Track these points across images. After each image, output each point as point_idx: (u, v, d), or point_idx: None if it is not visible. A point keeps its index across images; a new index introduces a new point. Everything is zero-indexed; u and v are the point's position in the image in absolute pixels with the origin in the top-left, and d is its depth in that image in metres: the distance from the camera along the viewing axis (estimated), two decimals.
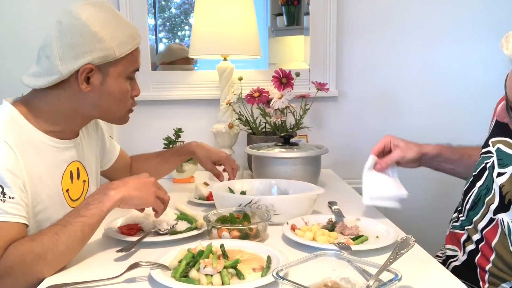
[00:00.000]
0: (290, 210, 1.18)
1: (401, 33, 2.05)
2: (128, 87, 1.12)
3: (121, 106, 1.14)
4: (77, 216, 0.94)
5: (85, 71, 1.03)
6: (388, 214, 1.32)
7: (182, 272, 0.83)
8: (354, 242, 1.01)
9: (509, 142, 1.11)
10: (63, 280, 0.86)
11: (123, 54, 1.06)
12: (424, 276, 0.88)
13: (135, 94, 1.16)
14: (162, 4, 2.44)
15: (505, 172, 1.08)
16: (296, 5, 2.34)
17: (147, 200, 1.04)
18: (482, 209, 1.11)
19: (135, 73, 1.14)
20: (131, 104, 1.17)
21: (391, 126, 2.09)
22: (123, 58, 1.07)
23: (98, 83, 1.06)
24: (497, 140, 1.14)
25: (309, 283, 0.75)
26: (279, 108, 1.74)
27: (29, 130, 1.04)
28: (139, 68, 1.14)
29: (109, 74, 1.07)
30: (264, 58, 2.04)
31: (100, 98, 1.09)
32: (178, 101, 2.00)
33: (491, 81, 2.07)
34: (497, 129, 1.16)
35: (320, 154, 1.55)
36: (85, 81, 1.05)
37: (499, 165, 1.10)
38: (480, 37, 2.05)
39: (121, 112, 1.16)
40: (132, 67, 1.11)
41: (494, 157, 1.12)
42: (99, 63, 1.04)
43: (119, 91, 1.10)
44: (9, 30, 1.95)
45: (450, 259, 1.18)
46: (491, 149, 1.14)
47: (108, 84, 1.07)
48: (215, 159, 1.51)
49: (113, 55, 1.04)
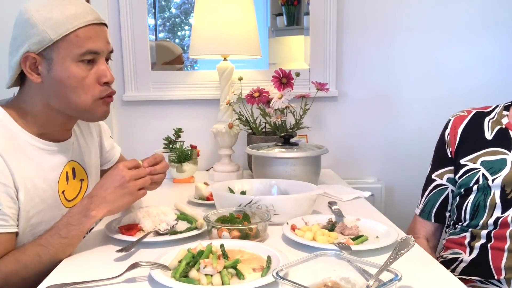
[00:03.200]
0: (290, 210, 1.18)
1: (401, 33, 2.05)
2: (82, 72, 1.01)
3: (80, 94, 1.02)
4: (59, 237, 0.96)
5: (26, 61, 0.99)
6: (388, 214, 1.32)
7: (182, 272, 0.83)
8: (354, 242, 1.01)
9: (489, 151, 1.16)
10: (63, 280, 0.85)
11: (60, 36, 0.97)
12: (424, 276, 0.87)
13: (104, 80, 1.04)
14: (162, 4, 2.43)
15: (500, 175, 1.12)
16: (296, 5, 2.34)
17: (130, 201, 1.04)
18: (486, 211, 1.12)
19: (96, 57, 1.03)
20: (100, 91, 1.04)
21: (391, 126, 2.10)
22: (63, 40, 0.98)
23: (46, 71, 1.00)
24: (475, 156, 1.18)
25: (309, 283, 0.75)
26: (279, 108, 1.74)
27: (20, 135, 1.03)
28: (96, 50, 1.01)
29: (53, 60, 0.99)
30: (264, 58, 2.04)
31: (54, 88, 1.01)
32: (178, 101, 2.00)
33: (491, 80, 2.07)
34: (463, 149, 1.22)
35: (320, 154, 1.55)
36: (34, 71, 1.01)
37: (491, 174, 1.13)
38: (480, 36, 2.05)
39: (85, 102, 1.03)
40: (80, 49, 0.99)
41: (482, 169, 1.16)
42: (38, 50, 0.98)
43: (68, 77, 1.00)
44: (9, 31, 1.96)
45: (455, 262, 1.18)
46: (474, 165, 1.18)
47: (55, 70, 1.00)
48: None
49: (47, 38, 0.97)
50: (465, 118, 1.26)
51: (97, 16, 1.03)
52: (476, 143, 1.20)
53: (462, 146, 1.23)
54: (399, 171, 2.11)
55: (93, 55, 1.02)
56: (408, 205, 1.95)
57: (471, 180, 1.17)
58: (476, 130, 1.22)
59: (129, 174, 1.02)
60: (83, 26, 0.99)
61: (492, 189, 1.12)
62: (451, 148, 1.26)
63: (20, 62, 1.00)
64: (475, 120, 1.24)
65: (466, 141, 1.23)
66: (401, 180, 2.11)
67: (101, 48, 1.03)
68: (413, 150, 2.10)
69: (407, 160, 2.10)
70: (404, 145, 2.10)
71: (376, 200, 2.03)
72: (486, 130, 1.20)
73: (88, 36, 1.00)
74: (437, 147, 1.33)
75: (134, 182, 1.03)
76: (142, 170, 1.06)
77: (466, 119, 1.26)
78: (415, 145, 2.10)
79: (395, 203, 2.13)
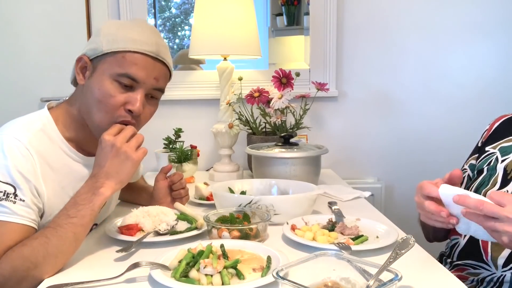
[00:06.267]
0: (290, 210, 1.18)
1: (401, 33, 2.05)
2: (112, 90, 1.01)
3: (101, 110, 1.02)
4: (67, 217, 0.93)
5: (79, 61, 1.05)
6: (388, 214, 1.32)
7: (182, 272, 0.83)
8: (354, 242, 1.01)
9: (509, 139, 1.18)
10: (63, 280, 0.85)
11: (109, 50, 1.01)
12: (424, 276, 0.87)
13: (129, 106, 1.03)
14: (162, 4, 2.44)
15: (508, 157, 1.14)
16: (296, 5, 2.34)
17: (133, 165, 0.99)
18: (485, 188, 1.14)
19: (135, 85, 1.03)
20: (119, 115, 1.03)
21: (391, 126, 2.10)
22: (110, 56, 1.02)
23: (88, 77, 1.05)
24: (498, 144, 1.20)
25: (309, 283, 0.75)
26: (279, 108, 1.74)
27: (57, 142, 1.05)
28: (136, 78, 1.02)
29: (96, 69, 1.03)
30: (264, 58, 2.04)
31: (86, 94, 1.04)
32: (178, 101, 2.01)
33: (490, 81, 2.08)
34: (492, 139, 1.24)
35: (320, 154, 1.55)
36: (81, 73, 1.05)
37: (502, 155, 1.15)
38: (480, 37, 2.05)
39: (101, 120, 1.03)
40: (120, 70, 1.01)
41: (497, 153, 1.18)
42: (91, 56, 1.04)
43: (99, 89, 1.01)
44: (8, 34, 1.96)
45: (453, 248, 1.19)
46: (493, 150, 1.20)
47: (92, 78, 1.03)
48: None
49: (100, 48, 1.02)
50: (506, 116, 1.28)
51: (155, 51, 1.04)
52: (504, 134, 1.22)
53: (492, 136, 1.25)
54: (399, 171, 2.11)
55: (131, 81, 1.02)
56: (408, 205, 1.95)
57: (486, 162, 1.19)
58: (509, 125, 1.24)
59: (118, 140, 0.98)
60: (133, 51, 1.02)
61: (497, 170, 1.14)
62: (483, 139, 1.28)
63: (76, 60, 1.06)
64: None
65: (497, 133, 1.25)
66: (401, 180, 2.11)
67: (142, 78, 1.03)
68: (413, 150, 2.10)
69: (407, 160, 2.10)
70: (404, 145, 2.11)
71: (376, 200, 2.03)
72: None
73: (134, 62, 1.02)
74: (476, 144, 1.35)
75: (126, 145, 0.99)
76: (128, 129, 1.01)
77: (507, 117, 1.28)
78: (415, 145, 2.10)
79: (395, 203, 2.13)
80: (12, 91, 1.99)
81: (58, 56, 1.97)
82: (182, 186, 1.31)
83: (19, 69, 2.00)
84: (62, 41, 1.97)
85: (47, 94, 1.99)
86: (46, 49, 1.98)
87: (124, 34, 1.03)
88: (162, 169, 1.32)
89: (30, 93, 2.00)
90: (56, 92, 1.94)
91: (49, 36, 1.98)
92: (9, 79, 2.00)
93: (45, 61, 1.98)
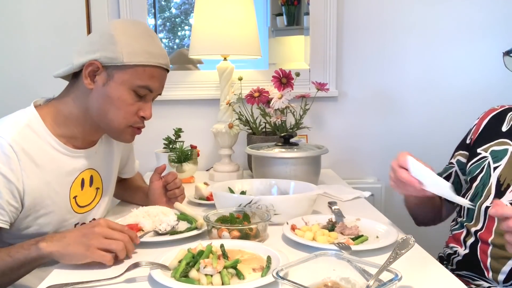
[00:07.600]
0: (290, 210, 1.18)
1: (401, 33, 2.05)
2: (130, 100, 1.10)
3: (119, 116, 1.10)
4: (7, 255, 0.94)
5: (90, 66, 1.07)
6: (388, 214, 1.32)
7: (182, 272, 0.83)
8: (354, 242, 1.01)
9: (500, 142, 1.18)
10: (63, 280, 0.85)
11: (131, 63, 1.06)
12: (424, 276, 0.87)
13: (142, 114, 1.13)
14: (162, 4, 2.43)
15: (500, 165, 1.14)
16: (296, 5, 2.34)
17: (82, 255, 0.91)
18: (480, 200, 1.12)
19: (148, 94, 1.12)
20: (135, 121, 1.13)
21: (391, 126, 2.10)
22: (131, 67, 1.07)
23: (101, 83, 1.08)
24: (489, 146, 1.20)
25: (309, 283, 0.75)
26: (279, 108, 1.74)
27: (44, 137, 1.07)
28: (153, 89, 1.12)
29: (113, 77, 1.08)
30: (264, 58, 2.04)
31: (100, 100, 1.09)
32: (178, 101, 2.01)
33: (490, 81, 2.07)
34: (482, 138, 1.24)
35: (320, 154, 1.55)
36: (90, 77, 1.08)
37: (494, 161, 1.15)
38: (480, 36, 2.05)
39: (119, 124, 1.12)
40: (140, 82, 1.09)
41: (489, 158, 1.17)
42: (106, 63, 1.07)
43: (118, 98, 1.09)
44: (8, 34, 1.96)
45: (451, 256, 1.19)
46: (485, 154, 1.20)
47: (109, 86, 1.08)
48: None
49: (120, 59, 1.06)
50: (494, 111, 1.27)
51: (166, 62, 1.14)
52: (493, 134, 1.21)
53: (482, 136, 1.25)
54: None
55: (146, 91, 1.11)
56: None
57: (478, 167, 1.19)
58: (497, 123, 1.23)
59: (102, 230, 0.93)
60: (152, 66, 1.09)
61: (490, 180, 1.13)
62: (472, 136, 1.28)
63: (84, 64, 1.07)
64: (501, 114, 1.25)
65: (486, 131, 1.24)
66: None
67: (156, 89, 1.14)
68: (413, 150, 2.07)
69: None
70: (404, 145, 2.10)
71: (376, 200, 2.03)
72: (506, 123, 1.22)
73: (152, 75, 1.10)
74: (464, 136, 1.34)
75: (99, 239, 0.92)
76: (119, 234, 0.95)
77: (495, 112, 1.27)
78: (415, 145, 2.09)
79: (395, 203, 2.13)
80: (12, 91, 1.99)
81: (58, 56, 1.97)
82: (176, 186, 1.32)
83: (19, 69, 2.00)
84: (62, 41, 1.97)
85: (47, 94, 1.98)
86: (46, 49, 1.98)
87: (141, 46, 1.08)
88: (156, 169, 1.34)
89: (30, 93, 1.99)
90: (56, 92, 1.92)
91: (49, 36, 1.98)
92: (9, 79, 2.00)
93: (45, 61, 1.98)
